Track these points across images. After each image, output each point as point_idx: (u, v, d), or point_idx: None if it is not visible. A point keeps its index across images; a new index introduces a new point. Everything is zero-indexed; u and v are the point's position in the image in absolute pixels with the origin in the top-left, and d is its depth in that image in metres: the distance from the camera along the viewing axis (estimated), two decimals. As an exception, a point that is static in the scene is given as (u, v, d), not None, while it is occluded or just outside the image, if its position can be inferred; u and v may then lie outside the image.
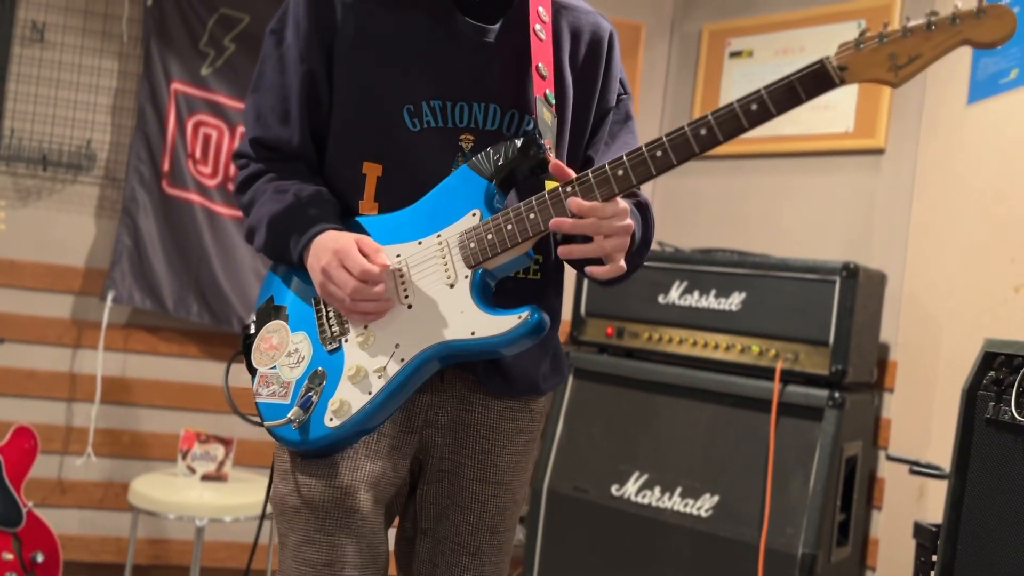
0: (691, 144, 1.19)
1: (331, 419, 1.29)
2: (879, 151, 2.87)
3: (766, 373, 2.53)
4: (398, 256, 1.32)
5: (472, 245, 1.28)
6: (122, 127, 3.10)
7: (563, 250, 1.28)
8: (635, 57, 3.40)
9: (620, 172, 1.22)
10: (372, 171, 1.36)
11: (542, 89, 1.34)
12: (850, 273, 2.47)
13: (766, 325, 2.57)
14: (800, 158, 3.06)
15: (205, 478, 2.82)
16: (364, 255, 1.27)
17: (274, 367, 1.35)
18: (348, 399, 1.29)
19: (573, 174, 1.26)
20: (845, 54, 1.15)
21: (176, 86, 3.08)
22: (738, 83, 3.23)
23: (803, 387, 2.48)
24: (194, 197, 3.09)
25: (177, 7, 3.07)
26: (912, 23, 1.12)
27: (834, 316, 2.47)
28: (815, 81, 1.15)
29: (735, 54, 3.25)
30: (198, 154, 3.11)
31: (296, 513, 1.32)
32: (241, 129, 3.04)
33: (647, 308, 2.79)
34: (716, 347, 2.65)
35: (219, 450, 2.84)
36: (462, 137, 1.35)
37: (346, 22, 1.35)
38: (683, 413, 2.65)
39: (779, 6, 3.15)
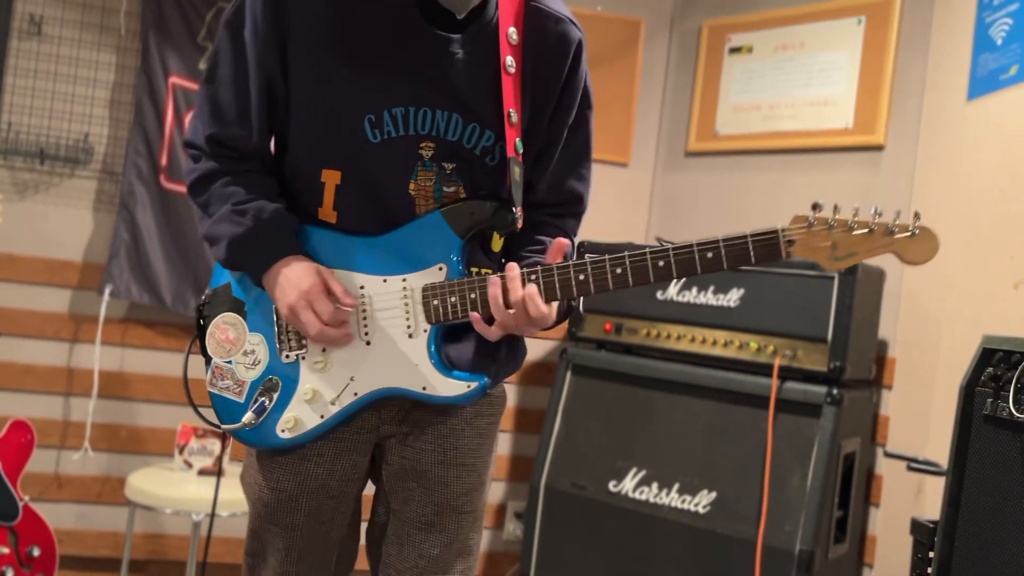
0: (648, 272, 1.27)
1: (283, 431, 1.36)
2: (879, 148, 2.87)
3: (764, 369, 2.52)
4: (362, 287, 1.35)
5: (435, 303, 1.33)
6: (120, 121, 3.09)
7: (475, 317, 1.33)
8: (634, 53, 3.39)
9: (581, 277, 1.28)
10: (331, 178, 1.36)
11: (512, 140, 1.35)
12: (849, 270, 2.46)
13: (764, 321, 2.57)
14: (799, 154, 3.05)
15: (202, 473, 2.82)
16: (331, 292, 1.32)
17: (229, 362, 1.39)
18: (301, 418, 1.36)
19: (563, 257, 1.32)
20: (797, 232, 1.24)
21: (174, 80, 3.07)
22: (738, 80, 3.22)
23: (801, 384, 2.48)
24: (192, 191, 3.09)
25: (175, 1, 3.06)
26: (857, 221, 1.23)
27: (833, 313, 2.46)
28: (766, 248, 1.25)
29: (735, 50, 3.24)
30: (196, 148, 3.10)
31: (252, 505, 1.46)
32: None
33: (645, 304, 2.78)
34: (714, 343, 2.64)
35: (216, 445, 2.84)
36: (423, 145, 1.35)
37: (303, 27, 1.32)
38: (681, 409, 2.64)
39: (779, 2, 3.14)
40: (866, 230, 1.22)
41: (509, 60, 1.35)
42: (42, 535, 2.61)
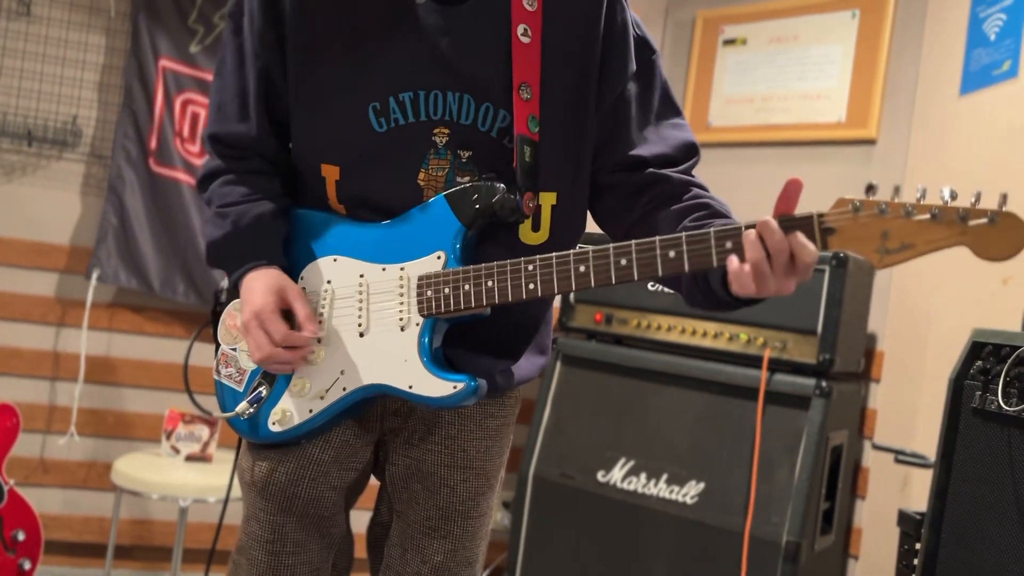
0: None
1: (274, 424, 1.32)
2: (871, 141, 2.87)
3: (754, 361, 2.53)
4: (361, 276, 1.29)
5: (428, 294, 1.24)
6: (109, 104, 3.06)
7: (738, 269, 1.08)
8: (628, 43, 3.38)
9: (581, 268, 1.16)
10: (330, 174, 1.30)
11: (524, 117, 1.22)
12: (839, 263, 2.47)
13: (754, 313, 2.52)
14: (792, 147, 3.05)
15: (189, 459, 2.80)
16: (291, 305, 1.26)
17: (235, 349, 1.37)
18: (291, 411, 1.32)
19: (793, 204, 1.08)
20: (840, 218, 1.02)
21: (164, 63, 3.05)
22: (731, 71, 3.21)
23: (790, 376, 2.48)
24: (181, 176, 3.07)
25: (166, -17, 3.03)
26: (918, 207, 0.98)
27: (823, 305, 2.46)
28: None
29: (729, 42, 3.23)
30: (186, 132, 3.08)
31: (248, 489, 1.38)
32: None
33: (636, 295, 2.78)
34: (704, 335, 2.64)
35: (204, 431, 2.83)
36: (436, 131, 1.25)
37: (299, 13, 1.27)
38: (670, 400, 2.65)
39: (774, -6, 3.14)
40: (927, 215, 0.97)
41: (522, 28, 1.23)
42: (27, 519, 2.60)
